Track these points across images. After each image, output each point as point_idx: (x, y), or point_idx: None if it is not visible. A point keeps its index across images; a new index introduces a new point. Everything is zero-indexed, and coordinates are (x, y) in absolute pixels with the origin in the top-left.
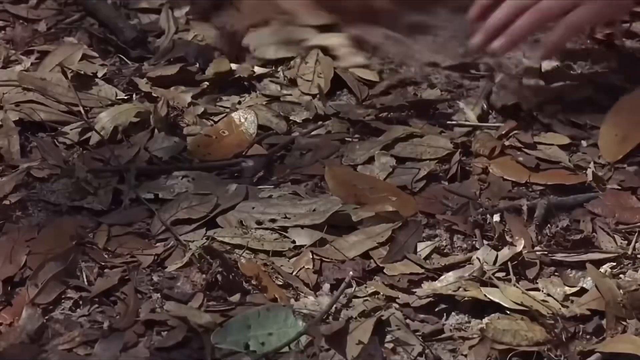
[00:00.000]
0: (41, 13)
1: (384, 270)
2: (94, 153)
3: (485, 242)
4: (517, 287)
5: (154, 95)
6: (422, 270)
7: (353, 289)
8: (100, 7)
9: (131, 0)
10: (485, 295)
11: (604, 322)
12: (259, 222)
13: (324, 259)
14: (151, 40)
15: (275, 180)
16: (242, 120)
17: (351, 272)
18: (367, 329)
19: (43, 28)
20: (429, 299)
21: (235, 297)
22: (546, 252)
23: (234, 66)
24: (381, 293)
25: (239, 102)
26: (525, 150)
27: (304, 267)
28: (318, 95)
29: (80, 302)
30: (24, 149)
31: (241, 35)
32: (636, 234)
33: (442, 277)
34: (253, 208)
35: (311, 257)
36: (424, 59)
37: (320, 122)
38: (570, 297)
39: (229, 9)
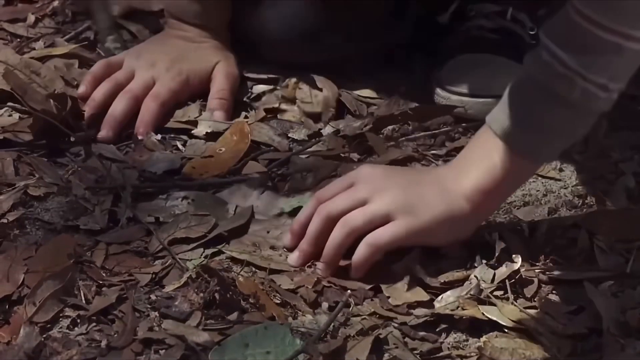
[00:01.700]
0: (39, 31)
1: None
2: (89, 170)
3: (483, 260)
4: (515, 305)
5: None
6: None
7: (351, 307)
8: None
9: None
10: (483, 314)
11: (602, 340)
12: (273, 248)
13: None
14: None
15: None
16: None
17: (349, 291)
18: (365, 347)
19: (41, 46)
20: (426, 318)
21: (233, 316)
22: (544, 270)
23: None
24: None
25: (246, 117)
26: None
27: (304, 285)
28: (320, 114)
29: (78, 321)
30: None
31: None
32: (634, 251)
33: (440, 296)
34: (268, 232)
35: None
36: None
37: (316, 139)
38: (569, 315)
39: None
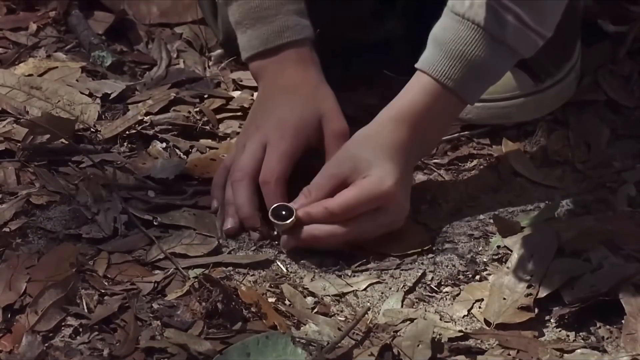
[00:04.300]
0: (41, 40)
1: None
2: (93, 178)
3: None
4: None
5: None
6: None
7: (369, 319)
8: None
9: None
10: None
11: None
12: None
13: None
14: (128, 67)
15: None
16: None
17: (368, 304)
18: (371, 356)
19: (43, 55)
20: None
21: (235, 325)
22: None
23: (233, 94)
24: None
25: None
26: None
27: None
28: None
29: (80, 330)
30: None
31: None
32: None
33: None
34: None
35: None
36: None
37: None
38: None
39: None
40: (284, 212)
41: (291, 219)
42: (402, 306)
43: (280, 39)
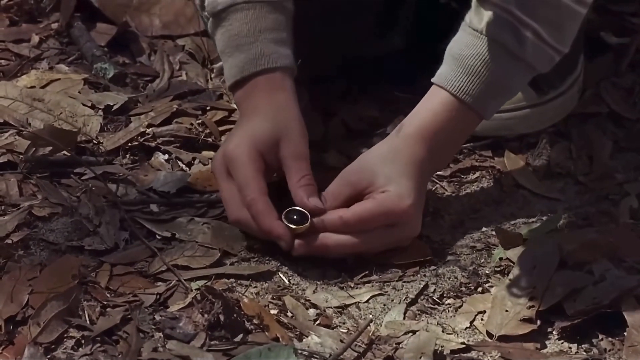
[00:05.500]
0: (43, 52)
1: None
2: (95, 190)
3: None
4: None
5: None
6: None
7: (371, 332)
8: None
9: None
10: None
11: None
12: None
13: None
14: (130, 79)
15: None
16: None
17: (370, 316)
18: None
19: (45, 67)
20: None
21: (238, 337)
22: None
23: (235, 106)
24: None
25: None
26: None
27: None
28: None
29: (83, 341)
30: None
31: None
32: None
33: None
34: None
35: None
36: None
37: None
38: None
39: None
40: (296, 217)
41: (304, 225)
42: (404, 318)
43: (254, 67)
